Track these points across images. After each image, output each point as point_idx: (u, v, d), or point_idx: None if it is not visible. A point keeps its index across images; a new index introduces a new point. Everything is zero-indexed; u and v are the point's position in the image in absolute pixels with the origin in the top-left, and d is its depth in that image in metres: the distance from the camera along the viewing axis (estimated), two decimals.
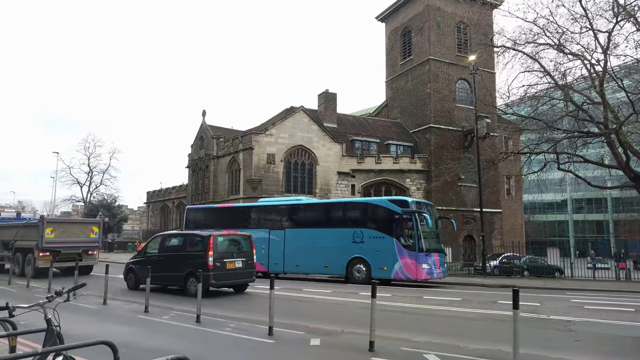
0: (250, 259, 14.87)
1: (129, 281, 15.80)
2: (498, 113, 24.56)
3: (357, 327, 8.87)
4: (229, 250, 14.65)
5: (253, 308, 11.86)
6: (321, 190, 31.56)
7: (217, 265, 13.66)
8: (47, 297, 3.69)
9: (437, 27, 36.62)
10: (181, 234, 16.29)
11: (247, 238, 15.38)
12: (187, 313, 10.51)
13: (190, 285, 13.77)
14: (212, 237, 13.88)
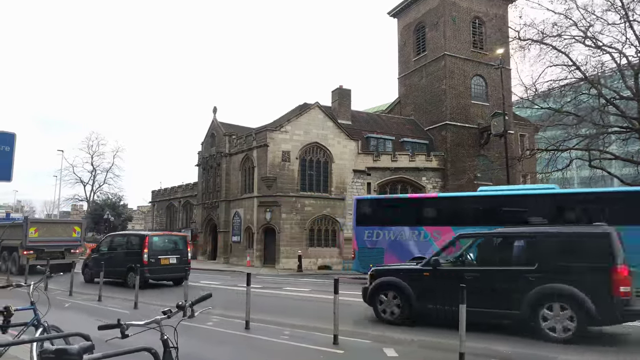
0: (185, 256, 17.05)
1: (85, 275, 18.18)
2: (525, 107, 23.80)
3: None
4: (164, 248, 16.73)
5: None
6: (337, 189, 30.79)
7: (152, 262, 15.79)
8: (164, 311, 2.91)
9: (453, 22, 35.90)
10: (124, 234, 19.17)
11: (183, 238, 18.01)
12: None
13: (130, 279, 15.55)
14: (148, 237, 16.33)
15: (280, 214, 29.22)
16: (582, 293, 7.71)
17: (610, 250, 7.87)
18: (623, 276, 7.66)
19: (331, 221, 30.53)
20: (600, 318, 7.70)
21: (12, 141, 6.93)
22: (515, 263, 8.72)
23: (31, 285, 4.81)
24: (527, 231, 9.66)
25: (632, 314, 7.74)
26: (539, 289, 8.00)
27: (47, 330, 4.55)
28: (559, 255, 8.31)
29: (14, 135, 6.97)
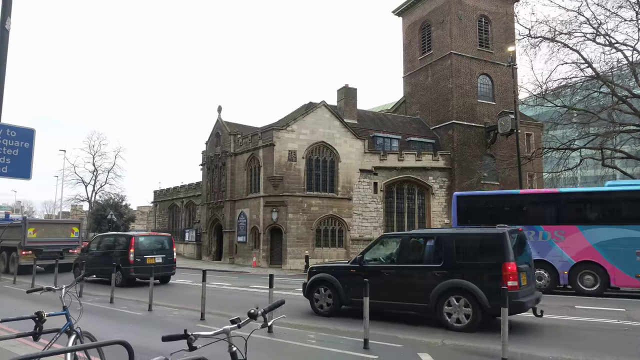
0: (170, 256, 17.74)
1: (76, 274, 18.29)
2: (535, 105, 23.52)
3: None
4: (150, 248, 17.45)
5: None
6: (343, 189, 30.51)
7: (138, 261, 16.51)
8: (233, 320, 2.62)
9: (459, 20, 35.64)
10: (112, 235, 19.76)
11: (168, 238, 18.53)
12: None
13: (117, 277, 15.71)
14: (134, 238, 17.25)
15: (287, 214, 28.94)
16: (478, 287, 8.69)
17: (502, 249, 8.73)
18: (511, 272, 8.54)
19: (338, 221, 30.25)
20: (492, 309, 8.50)
21: (32, 137, 6.63)
22: (426, 261, 9.73)
23: (63, 288, 4.53)
24: (435, 232, 10.83)
25: (519, 305, 8.54)
26: (443, 284, 9.00)
27: (81, 338, 4.27)
28: (461, 253, 9.32)
29: (33, 131, 6.66)
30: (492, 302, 8.41)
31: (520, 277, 8.70)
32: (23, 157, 6.50)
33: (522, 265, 9.05)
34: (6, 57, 6.46)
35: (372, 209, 31.30)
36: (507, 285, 8.27)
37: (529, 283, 9.20)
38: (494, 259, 8.79)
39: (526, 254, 9.71)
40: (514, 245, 9.00)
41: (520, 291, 8.64)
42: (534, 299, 9.01)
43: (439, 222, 33.23)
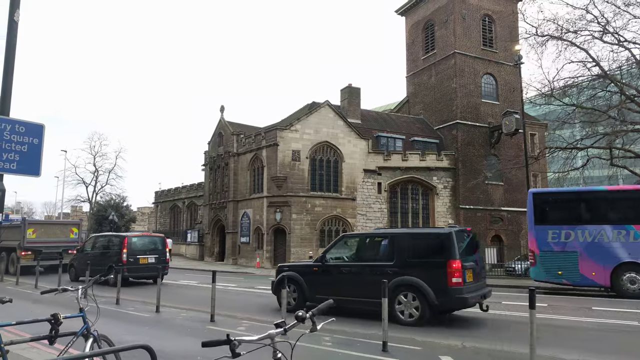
0: (163, 256, 17.94)
1: (71, 274, 19.02)
2: (542, 104, 23.28)
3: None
4: (143, 248, 17.71)
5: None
6: (347, 189, 30.29)
7: (131, 261, 16.77)
8: (277, 324, 2.39)
9: (463, 19, 35.46)
10: (106, 235, 19.92)
11: (161, 239, 18.80)
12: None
13: (111, 277, 16.34)
14: (127, 238, 17.48)
15: (291, 214, 28.72)
16: (425, 284, 9.14)
17: (449, 248, 9.18)
18: (456, 269, 8.94)
19: (342, 222, 30.02)
20: (438, 304, 9.09)
21: (41, 133, 6.41)
22: (380, 259, 10.12)
23: (79, 289, 4.29)
24: (389, 232, 11.41)
25: (462, 300, 9.07)
26: (395, 280, 9.36)
27: (98, 341, 4.04)
28: (411, 252, 9.75)
29: (43, 126, 6.46)
30: (439, 297, 9.00)
31: (465, 275, 9.12)
32: (32, 153, 6.28)
33: (469, 263, 9.49)
34: (15, 49, 6.26)
35: (376, 210, 31.08)
36: (451, 281, 8.88)
37: (475, 280, 9.64)
38: (441, 257, 9.22)
39: (474, 253, 10.15)
40: (462, 244, 9.57)
41: (465, 287, 9.06)
42: (479, 295, 9.41)
43: (443, 222, 33.01)
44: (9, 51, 6.14)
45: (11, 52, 6.16)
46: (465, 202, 33.20)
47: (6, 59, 6.15)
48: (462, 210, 32.96)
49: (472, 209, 33.40)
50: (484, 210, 33.92)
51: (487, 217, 34.13)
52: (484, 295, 9.67)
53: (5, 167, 5.97)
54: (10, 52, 6.15)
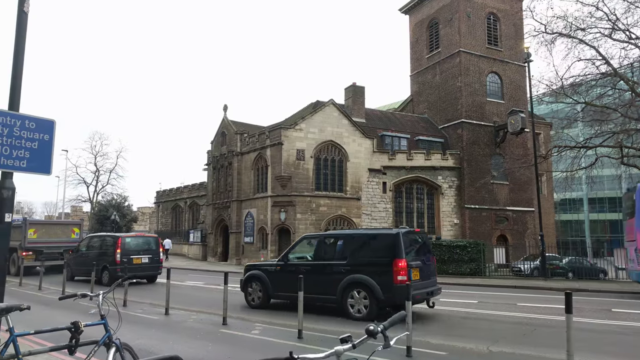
0: (157, 256, 18.34)
1: (67, 274, 18.10)
2: (553, 101, 22.96)
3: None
4: (137, 248, 17.98)
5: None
6: (352, 188, 30.01)
7: (124, 261, 16.70)
8: (343, 338, 2.11)
9: (467, 17, 35.19)
10: (101, 235, 19.86)
11: (155, 239, 19.10)
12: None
13: (104, 277, 17.08)
14: (121, 238, 17.71)
15: (295, 214, 28.44)
16: (374, 281, 9.70)
17: (395, 248, 9.71)
18: (402, 267, 9.51)
19: (346, 221, 29.74)
20: (385, 300, 9.65)
21: (52, 129, 6.12)
22: (335, 258, 10.66)
23: (100, 295, 4.01)
24: (343, 233, 12.10)
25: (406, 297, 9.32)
26: (348, 278, 9.98)
27: (120, 350, 3.76)
28: (363, 251, 10.36)
29: (54, 122, 6.16)
30: (385, 294, 9.57)
31: (410, 273, 9.67)
32: (43, 150, 5.99)
33: (416, 262, 10.03)
34: (25, 42, 5.97)
35: (381, 209, 30.82)
36: (397, 279, 9.43)
37: (422, 278, 10.11)
38: (388, 257, 9.75)
39: (424, 253, 10.67)
40: (411, 245, 10.24)
41: (410, 285, 9.31)
42: (425, 292, 9.93)
43: (449, 222, 32.79)
44: (18, 44, 5.85)
45: (21, 45, 5.87)
46: (470, 201, 32.94)
47: (15, 52, 5.85)
48: (467, 210, 32.71)
49: (478, 209, 33.15)
50: (489, 210, 33.67)
51: (493, 217, 33.88)
52: (432, 293, 10.18)
53: (16, 164, 5.70)
54: (20, 44, 5.86)
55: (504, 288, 18.32)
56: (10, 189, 5.63)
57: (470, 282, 20.40)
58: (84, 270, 18.14)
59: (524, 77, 37.57)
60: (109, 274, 17.14)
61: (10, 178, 5.67)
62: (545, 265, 21.65)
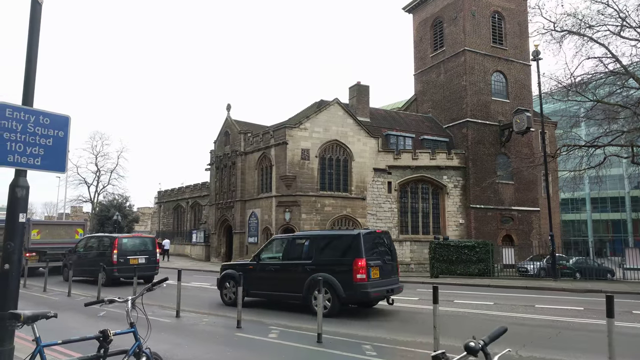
0: (153, 257, 18.41)
1: (64, 274, 18.90)
2: (561, 99, 22.68)
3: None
4: (134, 249, 18.06)
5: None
6: (357, 188, 29.75)
7: (121, 261, 17.09)
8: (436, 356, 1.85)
9: (472, 16, 34.96)
10: (98, 236, 20.04)
11: (152, 240, 19.29)
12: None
13: (102, 277, 16.95)
14: (117, 239, 17.76)
15: (300, 214, 28.18)
16: (336, 280, 10.31)
17: (356, 248, 10.34)
18: (361, 267, 10.10)
19: (352, 222, 29.49)
20: (346, 297, 10.31)
21: (67, 125, 5.85)
22: (302, 258, 11.20)
23: (129, 300, 3.74)
24: (309, 234, 12.62)
25: (365, 294, 10.29)
26: (312, 276, 10.42)
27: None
28: (327, 252, 10.94)
29: (68, 118, 5.89)
30: (346, 291, 10.21)
31: (370, 272, 10.24)
32: (57, 147, 5.72)
33: (376, 261, 10.56)
34: (39, 34, 5.70)
35: (387, 209, 30.56)
36: (356, 277, 10.05)
37: (382, 276, 10.67)
38: (349, 256, 10.35)
39: (385, 253, 11.21)
40: (372, 245, 10.81)
41: (369, 283, 10.19)
42: (384, 290, 10.59)
43: (454, 222, 32.53)
44: (32, 35, 5.57)
45: (34, 37, 5.59)
46: (476, 201, 32.69)
47: (29, 45, 5.57)
48: (472, 210, 32.46)
49: (483, 209, 32.91)
50: (495, 210, 33.42)
51: (498, 217, 33.63)
52: (392, 291, 10.80)
53: (29, 162, 5.43)
54: (34, 36, 5.58)
55: (515, 289, 18.08)
56: (25, 188, 5.35)
57: (479, 282, 20.16)
58: (81, 270, 18.18)
59: (528, 76, 37.41)
60: (106, 274, 17.03)
61: (24, 176, 5.39)
62: (555, 265, 21.41)
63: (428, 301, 13.73)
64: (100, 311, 11.21)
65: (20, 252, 5.33)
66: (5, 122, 5.27)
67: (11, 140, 5.28)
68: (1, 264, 5.11)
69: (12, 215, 5.30)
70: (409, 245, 30.85)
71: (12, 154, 5.28)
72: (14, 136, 5.31)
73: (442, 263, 23.34)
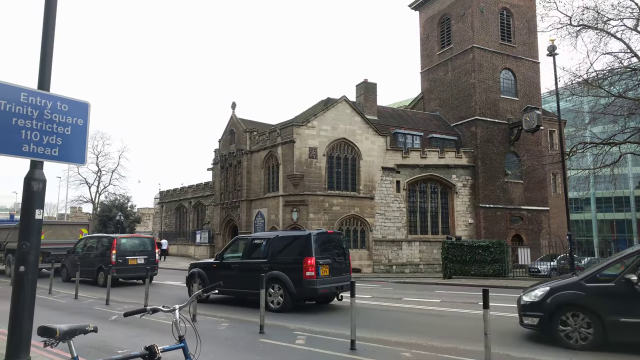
0: (152, 257, 18.35)
1: (63, 275, 19.25)
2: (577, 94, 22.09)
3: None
4: (133, 249, 17.91)
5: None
6: (365, 187, 29.20)
7: (120, 262, 16.93)
8: None
9: (481, 12, 34.46)
10: (97, 236, 19.69)
11: (151, 240, 19.27)
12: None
13: (99, 278, 17.28)
14: (116, 239, 17.59)
15: (308, 213, 27.62)
16: (287, 277, 11.05)
17: (306, 247, 11.08)
18: (310, 265, 10.82)
19: (360, 221, 28.93)
20: (296, 294, 11.04)
21: (86, 112, 5.29)
22: (260, 257, 11.91)
23: (176, 310, 3.19)
24: (266, 235, 13.00)
25: (313, 290, 10.99)
26: (267, 275, 10.85)
27: None
28: (281, 251, 11.64)
29: (88, 104, 5.33)
30: (297, 288, 10.93)
31: (319, 269, 10.94)
32: (77, 136, 5.14)
33: (325, 260, 11.26)
34: (56, 10, 5.13)
35: (395, 209, 30.01)
36: (305, 275, 10.76)
37: (332, 274, 11.29)
38: (300, 255, 11.07)
39: (334, 252, 11.87)
40: (323, 244, 11.51)
41: (317, 280, 10.86)
42: (333, 287, 11.26)
43: (463, 222, 32.00)
44: (48, 11, 5.02)
45: (51, 14, 5.02)
46: (485, 200, 32.18)
47: (45, 22, 4.99)
48: (482, 209, 31.93)
49: (492, 208, 32.39)
50: (504, 209, 32.91)
51: (507, 216, 33.12)
52: (341, 287, 11.38)
53: (46, 153, 4.86)
54: (50, 13, 5.02)
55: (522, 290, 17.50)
56: (41, 181, 4.78)
57: (495, 283, 19.61)
58: (80, 271, 17.65)
59: (537, 73, 36.89)
60: (104, 274, 16.96)
61: (41, 168, 4.83)
62: (574, 266, 20.86)
63: (449, 303, 13.23)
64: (112, 315, 10.66)
65: (37, 252, 4.75)
66: (20, 107, 4.71)
67: (26, 128, 4.72)
68: (17, 266, 4.55)
69: (28, 211, 4.73)
70: (417, 245, 30.31)
71: (27, 144, 4.72)
72: (29, 123, 4.74)
73: (455, 263, 22.82)
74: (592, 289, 7.20)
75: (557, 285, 7.75)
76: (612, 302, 6.90)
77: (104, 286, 16.46)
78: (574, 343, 7.11)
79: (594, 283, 7.28)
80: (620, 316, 6.76)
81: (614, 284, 7.02)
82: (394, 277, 25.66)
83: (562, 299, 7.35)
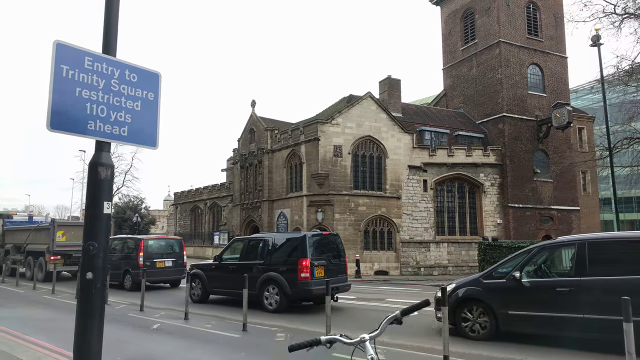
0: (180, 259, 17.68)
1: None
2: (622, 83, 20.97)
3: None
4: (160, 251, 17.21)
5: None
6: (391, 187, 28.18)
7: (147, 264, 16.23)
8: None
9: (507, 6, 33.35)
10: (122, 238, 18.89)
11: (179, 241, 18.59)
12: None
13: (126, 281, 16.71)
14: (143, 241, 16.93)
15: (333, 214, 26.66)
16: (283, 278, 11.20)
17: (301, 249, 11.22)
18: (305, 266, 10.95)
19: (386, 222, 27.91)
20: (291, 295, 11.16)
21: (157, 85, 4.33)
22: (257, 258, 12.05)
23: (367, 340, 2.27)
24: (262, 236, 13.02)
25: (308, 291, 11.05)
26: (263, 276, 11.36)
27: None
28: (277, 252, 11.77)
29: (159, 75, 4.37)
30: (292, 289, 11.07)
31: (314, 271, 11.07)
32: (147, 113, 4.15)
33: (320, 261, 11.37)
34: None
35: (422, 209, 28.95)
36: (300, 276, 10.91)
37: (328, 275, 11.13)
38: (295, 257, 11.20)
39: (332, 254, 12.03)
40: (318, 246, 11.60)
41: (312, 281, 10.94)
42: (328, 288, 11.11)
43: (491, 222, 30.87)
44: None
45: None
46: (514, 200, 31.04)
47: None
48: (511, 209, 30.79)
49: (521, 208, 31.24)
50: (533, 209, 31.73)
51: (537, 217, 31.93)
52: (337, 289, 11.27)
53: (115, 132, 3.85)
54: None
55: None
56: (109, 167, 3.78)
57: None
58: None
59: (565, 69, 35.68)
60: (131, 278, 16.42)
61: (108, 151, 3.82)
62: None
63: None
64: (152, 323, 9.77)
65: (106, 255, 3.81)
66: (85, 75, 3.74)
67: (92, 100, 3.73)
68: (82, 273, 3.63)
69: (95, 203, 3.71)
70: (446, 247, 29.23)
71: (93, 120, 3.73)
72: (94, 95, 3.76)
73: (492, 265, 21.68)
74: (488, 285, 8.16)
75: (461, 282, 8.78)
76: (502, 297, 7.86)
77: (130, 290, 16.05)
78: (474, 334, 8.06)
79: (490, 280, 8.23)
80: (508, 309, 7.72)
81: (504, 281, 7.90)
82: (423, 280, 24.67)
83: (463, 294, 8.29)
